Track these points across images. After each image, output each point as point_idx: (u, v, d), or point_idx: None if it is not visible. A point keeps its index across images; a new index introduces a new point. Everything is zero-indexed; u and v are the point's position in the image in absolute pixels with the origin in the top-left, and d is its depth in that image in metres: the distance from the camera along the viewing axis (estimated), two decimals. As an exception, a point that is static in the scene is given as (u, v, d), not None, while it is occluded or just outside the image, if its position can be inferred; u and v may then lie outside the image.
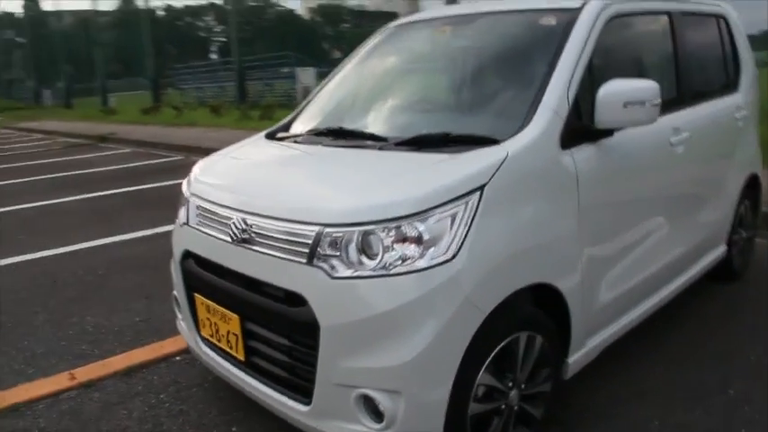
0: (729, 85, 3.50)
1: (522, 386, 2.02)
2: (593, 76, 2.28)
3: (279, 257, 1.89)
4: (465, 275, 1.75)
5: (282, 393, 1.99)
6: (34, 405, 2.63)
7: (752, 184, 3.75)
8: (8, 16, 51.42)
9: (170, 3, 62.24)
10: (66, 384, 2.79)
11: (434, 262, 1.73)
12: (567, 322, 2.17)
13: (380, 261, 1.73)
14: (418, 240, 1.73)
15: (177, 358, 2.98)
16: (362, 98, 2.81)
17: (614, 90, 2.14)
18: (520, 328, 1.96)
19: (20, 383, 2.81)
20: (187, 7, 64.59)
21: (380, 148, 2.19)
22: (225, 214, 2.12)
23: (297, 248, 1.84)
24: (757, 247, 4.05)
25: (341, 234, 1.77)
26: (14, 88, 43.14)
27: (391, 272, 1.72)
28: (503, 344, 1.91)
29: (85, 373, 2.89)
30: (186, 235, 2.35)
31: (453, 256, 1.74)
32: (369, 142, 2.30)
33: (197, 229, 2.27)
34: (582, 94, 2.20)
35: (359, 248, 1.76)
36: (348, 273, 1.75)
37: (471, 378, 1.83)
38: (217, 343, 2.26)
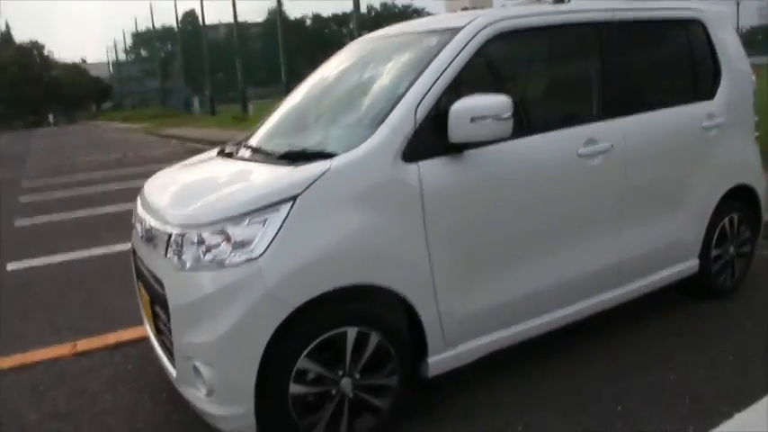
0: (699, 93, 3.37)
1: (357, 376, 2.29)
2: (463, 93, 2.46)
3: (157, 251, 2.36)
4: (268, 272, 2.09)
5: (168, 363, 2.46)
6: (36, 366, 3.35)
7: (741, 197, 3.55)
8: (169, 30, 58.14)
9: (318, 12, 66.90)
10: (67, 351, 3.51)
11: (242, 259, 2.10)
12: (419, 324, 2.40)
13: (204, 256, 2.14)
14: (231, 240, 2.11)
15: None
16: (287, 114, 3.19)
17: (463, 106, 2.33)
18: (347, 323, 2.25)
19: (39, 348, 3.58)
20: (334, 15, 68.69)
21: (261, 162, 2.58)
22: (142, 217, 2.65)
23: (162, 245, 2.30)
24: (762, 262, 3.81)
25: (181, 234, 2.21)
26: (170, 97, 48.63)
27: (209, 266, 2.13)
28: (326, 335, 2.21)
29: (85, 344, 3.59)
30: (133, 234, 2.92)
31: (259, 255, 2.10)
32: (260, 156, 2.70)
33: (135, 229, 2.82)
34: (445, 111, 2.39)
35: (192, 246, 2.17)
36: (183, 265, 2.18)
37: (287, 361, 2.17)
38: (146, 321, 2.79)
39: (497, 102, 2.32)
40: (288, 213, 2.14)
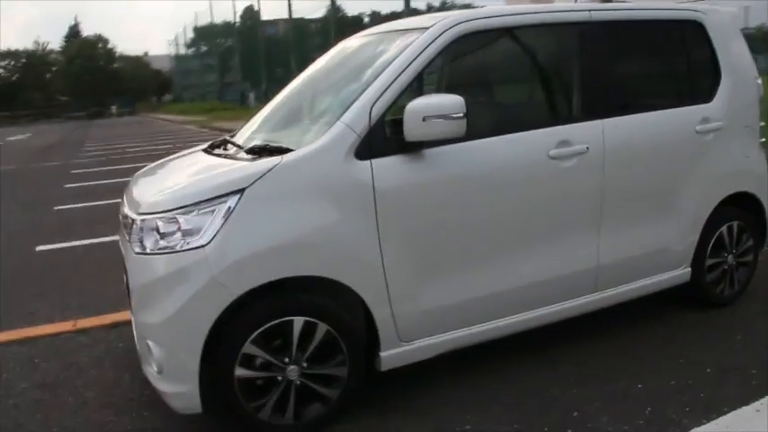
0: (694, 96, 3.28)
1: (304, 365, 2.39)
2: (428, 92, 2.51)
3: (127, 237, 2.53)
4: (214, 260, 2.21)
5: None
6: (38, 340, 3.61)
7: (743, 205, 3.44)
8: (228, 25, 59.85)
9: (376, 9, 67.48)
10: (68, 328, 3.76)
11: (190, 246, 2.23)
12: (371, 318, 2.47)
13: (157, 242, 2.28)
14: (180, 229, 2.25)
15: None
16: (270, 111, 3.30)
17: (416, 105, 2.38)
18: (294, 312, 2.34)
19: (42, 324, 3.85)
20: (392, 13, 69.10)
21: (231, 157, 2.70)
22: (122, 205, 2.83)
23: (129, 230, 2.46)
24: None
25: (140, 221, 2.36)
26: (228, 91, 50.00)
27: (162, 251, 2.27)
28: (272, 323, 2.32)
29: (86, 322, 3.84)
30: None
31: (206, 244, 2.22)
32: (233, 151, 2.83)
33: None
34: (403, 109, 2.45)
35: (150, 232, 2.32)
36: (139, 249, 2.33)
37: (233, 346, 2.28)
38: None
39: (449, 101, 2.36)
40: (235, 205, 2.25)
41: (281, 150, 2.48)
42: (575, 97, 2.91)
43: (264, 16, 40.33)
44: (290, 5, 29.26)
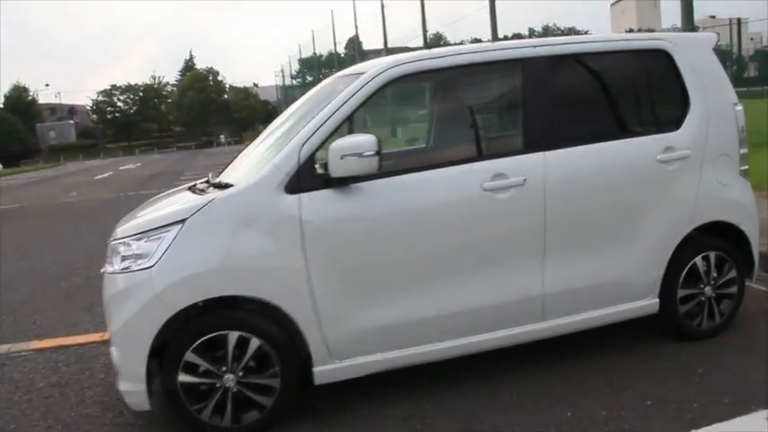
0: (658, 124, 3.37)
1: (240, 374, 2.79)
2: (361, 132, 2.87)
3: None
4: (157, 279, 2.69)
5: None
6: (68, 348, 4.28)
7: (723, 234, 3.45)
8: (332, 55, 62.85)
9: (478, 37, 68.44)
10: (95, 339, 4.42)
11: (140, 267, 2.73)
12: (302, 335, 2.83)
13: (119, 264, 2.80)
14: (134, 253, 2.75)
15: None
16: (248, 150, 3.72)
17: (336, 145, 2.75)
18: (228, 327, 2.76)
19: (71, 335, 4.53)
20: (475, 39, 69.67)
21: (198, 192, 3.18)
22: None
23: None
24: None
25: (110, 246, 2.90)
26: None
27: (121, 271, 2.79)
28: (209, 336, 2.74)
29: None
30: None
31: (152, 266, 2.70)
32: (203, 187, 3.28)
33: None
34: None
35: (116, 254, 2.84)
36: (109, 269, 2.87)
37: (176, 354, 2.72)
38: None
39: (361, 140, 2.71)
40: (177, 233, 2.73)
41: (229, 186, 2.94)
42: (513, 132, 3.13)
43: (366, 46, 42.05)
44: (385, 35, 30.31)
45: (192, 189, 3.38)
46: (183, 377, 2.75)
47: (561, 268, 3.14)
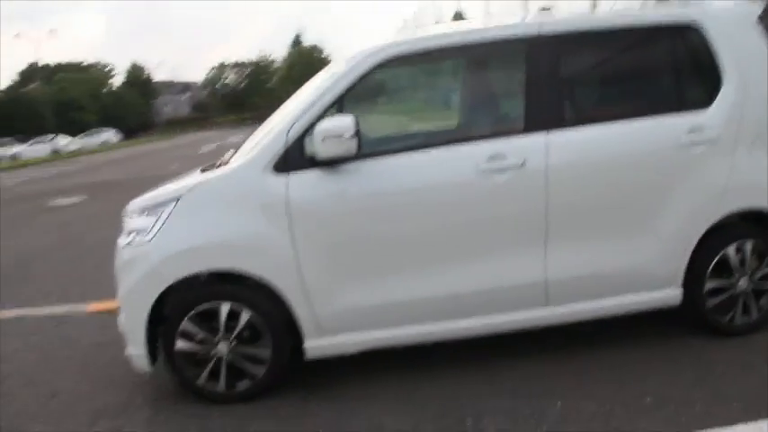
0: (683, 103, 3.14)
1: (233, 344, 2.98)
2: (347, 113, 2.93)
3: None
4: (153, 253, 2.92)
5: None
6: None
7: (756, 220, 3.20)
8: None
9: None
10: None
11: (141, 241, 2.97)
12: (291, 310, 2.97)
13: (126, 237, 3.07)
14: (136, 228, 3.00)
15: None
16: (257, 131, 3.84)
17: (320, 127, 2.82)
18: (221, 298, 2.95)
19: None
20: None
21: (206, 170, 3.37)
22: None
23: None
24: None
25: (123, 222, 3.17)
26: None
27: (128, 244, 3.05)
28: (203, 306, 2.95)
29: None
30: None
31: (150, 240, 2.94)
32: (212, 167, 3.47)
33: None
34: None
35: (123, 230, 3.11)
36: (120, 242, 3.14)
37: (174, 322, 2.96)
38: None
39: (339, 123, 2.77)
40: (172, 210, 2.94)
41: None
42: (513, 111, 3.04)
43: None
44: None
45: (204, 169, 3.60)
46: (181, 344, 2.98)
47: (566, 254, 3.05)
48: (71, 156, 37.23)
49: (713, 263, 3.18)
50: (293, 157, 2.93)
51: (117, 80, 70.84)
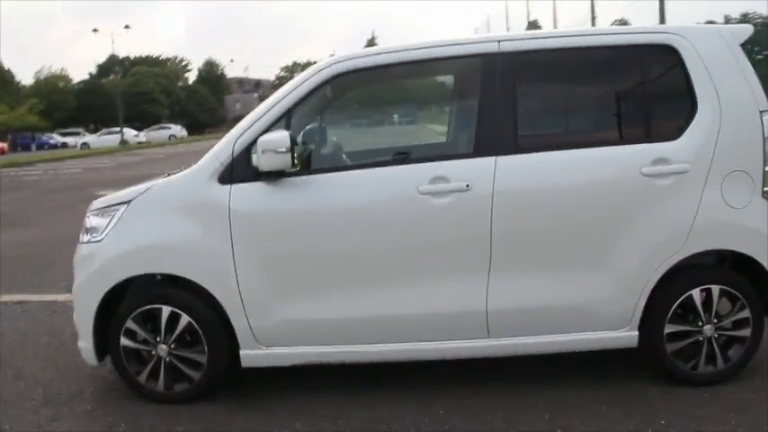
0: (650, 132, 3.05)
1: (172, 346, 3.11)
2: (292, 126, 3.04)
3: None
4: (103, 252, 3.09)
5: None
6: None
7: (735, 266, 3.08)
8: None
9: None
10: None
11: (93, 240, 3.15)
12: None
13: (83, 234, 3.25)
14: (92, 226, 3.19)
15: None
16: None
17: (262, 140, 2.90)
18: (161, 302, 3.08)
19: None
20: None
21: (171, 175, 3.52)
22: None
23: None
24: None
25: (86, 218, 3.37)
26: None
27: (83, 241, 3.24)
28: (146, 307, 3.09)
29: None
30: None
31: (101, 240, 3.11)
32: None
33: None
34: None
35: (83, 227, 3.30)
36: (80, 238, 3.33)
37: (119, 320, 3.11)
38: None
39: (275, 137, 2.84)
40: (123, 212, 3.10)
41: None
42: (464, 132, 3.03)
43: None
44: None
45: (170, 174, 3.77)
46: (125, 341, 3.13)
47: (508, 285, 2.99)
48: (138, 147, 39.42)
49: (674, 305, 3.06)
50: (239, 168, 3.02)
51: (192, 75, 74.04)
